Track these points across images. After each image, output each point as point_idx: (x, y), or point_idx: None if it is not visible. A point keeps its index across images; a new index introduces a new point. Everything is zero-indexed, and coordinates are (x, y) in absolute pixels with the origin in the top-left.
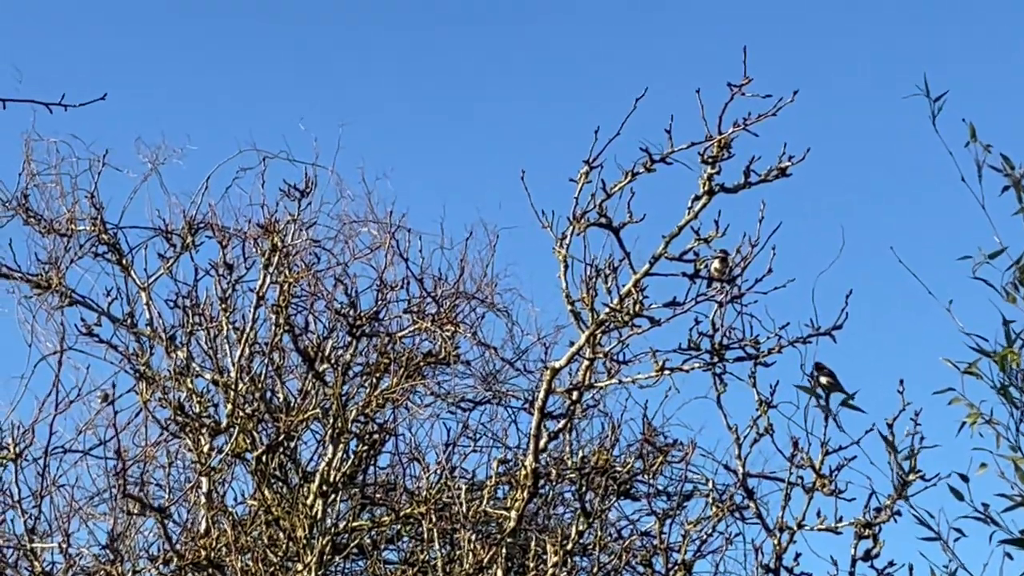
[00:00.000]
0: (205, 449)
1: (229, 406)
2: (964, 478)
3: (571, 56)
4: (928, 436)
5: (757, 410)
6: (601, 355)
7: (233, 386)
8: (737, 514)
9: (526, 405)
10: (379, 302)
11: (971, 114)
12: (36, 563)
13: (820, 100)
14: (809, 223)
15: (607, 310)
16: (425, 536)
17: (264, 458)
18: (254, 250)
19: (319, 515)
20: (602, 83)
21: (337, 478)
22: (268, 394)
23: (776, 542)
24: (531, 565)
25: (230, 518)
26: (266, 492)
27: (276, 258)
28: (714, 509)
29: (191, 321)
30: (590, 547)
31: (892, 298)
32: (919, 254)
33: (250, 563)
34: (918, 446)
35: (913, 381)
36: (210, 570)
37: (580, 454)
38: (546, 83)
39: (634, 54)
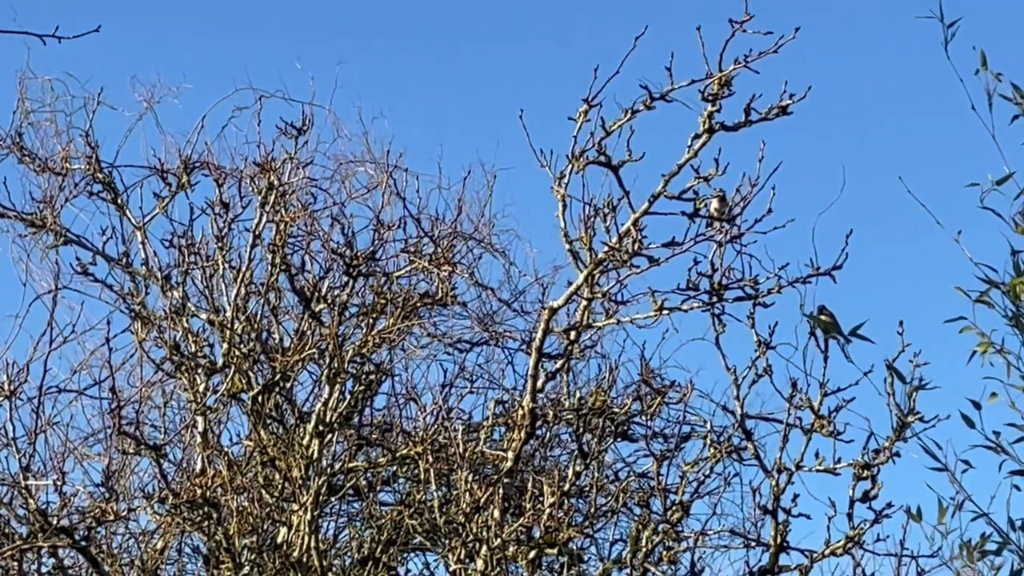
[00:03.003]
0: (201, 389)
1: (225, 346)
2: (976, 405)
3: None
4: (936, 367)
5: (756, 351)
6: (599, 295)
7: (229, 326)
8: (735, 455)
9: (523, 346)
10: (376, 242)
11: (982, 41)
12: (31, 501)
13: (828, 26)
14: (815, 156)
15: (606, 249)
16: (422, 477)
17: (260, 398)
18: (250, 189)
19: (315, 456)
20: (601, 21)
21: (333, 419)
22: (264, 334)
23: (774, 483)
24: (528, 506)
25: (226, 458)
26: (262, 432)
27: (272, 197)
28: (712, 450)
29: (187, 260)
30: (587, 488)
31: (901, 228)
32: (928, 184)
33: (246, 503)
34: (918, 387)
35: (921, 312)
36: (206, 509)
37: (577, 395)
38: (545, 21)
39: None
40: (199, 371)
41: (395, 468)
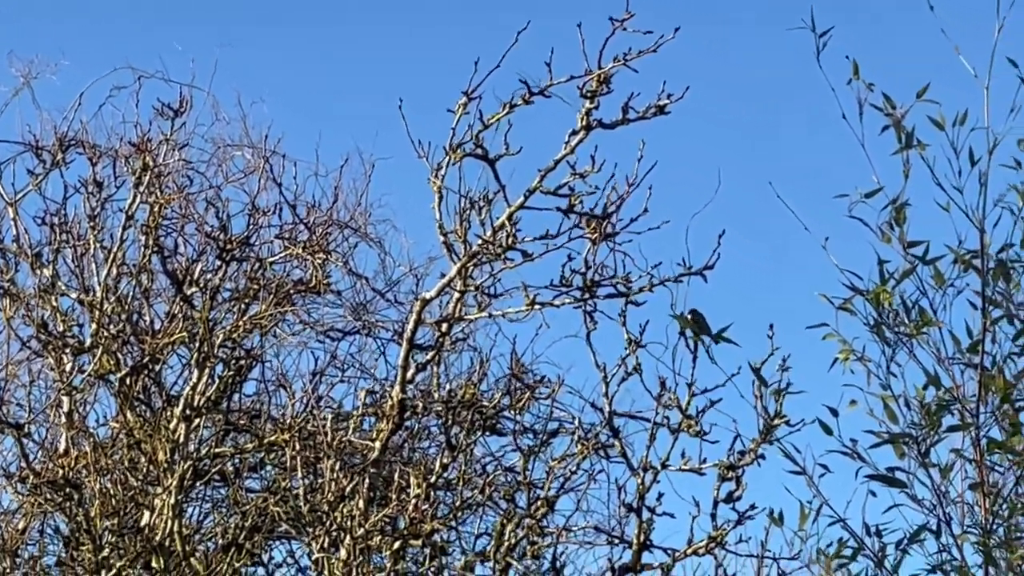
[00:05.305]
0: (68, 368)
1: (94, 326)
2: (834, 412)
3: None
4: (799, 372)
5: (626, 349)
6: (472, 288)
7: (99, 306)
8: (602, 452)
9: (396, 336)
10: (251, 227)
11: (855, 51)
12: None
13: (703, 32)
14: (687, 158)
15: (480, 242)
16: (288, 464)
17: (128, 380)
18: (125, 169)
19: (182, 440)
20: (484, 14)
21: (201, 403)
22: (134, 316)
23: (640, 481)
24: (394, 496)
25: (91, 439)
26: (128, 415)
27: (147, 178)
28: (579, 447)
29: (58, 239)
30: (454, 481)
31: (768, 234)
32: (798, 191)
33: (109, 485)
34: (784, 391)
35: (787, 317)
36: (67, 489)
37: (447, 387)
38: (427, 12)
39: None
40: (67, 350)
41: (262, 455)
